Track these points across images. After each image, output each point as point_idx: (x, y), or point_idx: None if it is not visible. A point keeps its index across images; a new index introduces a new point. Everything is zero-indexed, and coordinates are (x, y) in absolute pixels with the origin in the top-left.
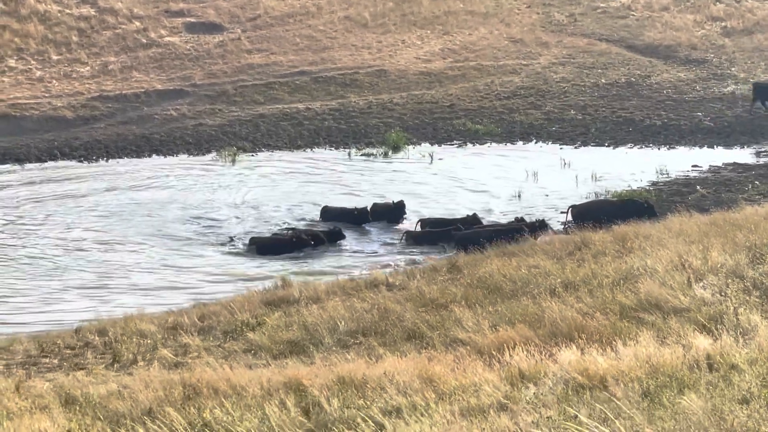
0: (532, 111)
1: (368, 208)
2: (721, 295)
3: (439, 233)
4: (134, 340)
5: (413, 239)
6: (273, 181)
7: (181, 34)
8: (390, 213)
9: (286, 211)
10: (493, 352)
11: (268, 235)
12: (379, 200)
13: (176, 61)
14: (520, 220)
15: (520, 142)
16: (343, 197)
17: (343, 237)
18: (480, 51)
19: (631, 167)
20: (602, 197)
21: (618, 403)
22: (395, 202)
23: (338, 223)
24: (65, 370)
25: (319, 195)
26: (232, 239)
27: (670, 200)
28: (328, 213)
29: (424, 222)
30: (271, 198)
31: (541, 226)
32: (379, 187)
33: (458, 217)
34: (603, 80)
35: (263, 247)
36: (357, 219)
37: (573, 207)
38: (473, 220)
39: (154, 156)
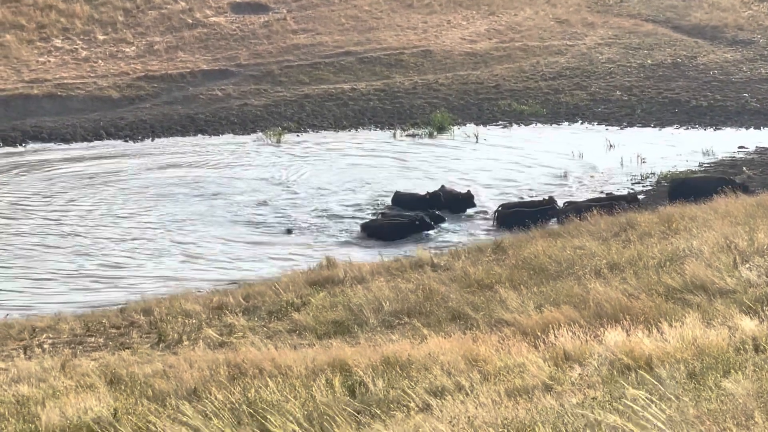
0: (578, 92)
1: (440, 194)
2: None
3: (532, 212)
4: (179, 319)
5: (504, 219)
6: (321, 162)
7: (227, 14)
8: (457, 202)
9: (343, 192)
10: (538, 333)
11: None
12: (446, 185)
13: (221, 42)
14: (611, 196)
15: (566, 123)
16: (396, 179)
17: (444, 220)
18: (525, 31)
19: (677, 148)
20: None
21: (663, 384)
22: (463, 192)
23: (403, 209)
24: (111, 350)
25: (369, 175)
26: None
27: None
28: (399, 198)
29: (504, 206)
30: (322, 179)
31: (632, 199)
32: (425, 168)
33: (536, 199)
34: (649, 61)
35: (381, 231)
36: (429, 204)
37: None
38: (550, 202)
39: (199, 135)
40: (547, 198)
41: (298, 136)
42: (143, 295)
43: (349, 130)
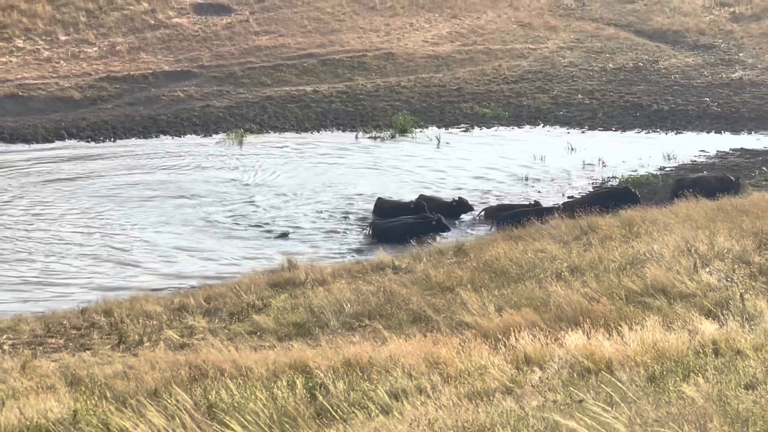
0: (540, 95)
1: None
2: (728, 281)
3: (520, 213)
4: (140, 321)
5: (492, 217)
6: (286, 164)
7: (189, 16)
8: (448, 209)
9: (312, 194)
10: (499, 336)
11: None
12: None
13: (184, 43)
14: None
15: (528, 126)
16: (361, 181)
17: (448, 229)
18: (488, 35)
19: (638, 152)
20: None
21: (623, 387)
22: (455, 199)
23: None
24: (71, 351)
25: (334, 177)
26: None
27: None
28: (382, 206)
29: (489, 210)
30: (288, 182)
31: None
32: (389, 170)
33: (524, 202)
34: (611, 65)
35: (394, 231)
36: (413, 212)
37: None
38: (536, 205)
39: (161, 136)
40: (533, 201)
41: (260, 137)
42: (104, 297)
43: (312, 132)
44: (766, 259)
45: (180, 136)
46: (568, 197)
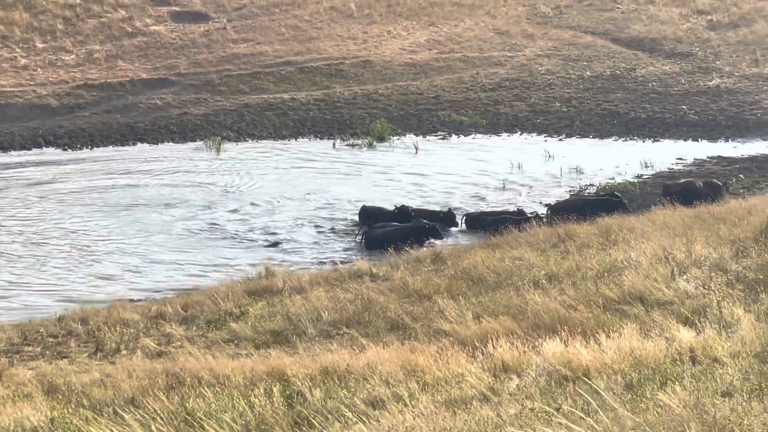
0: (517, 103)
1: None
2: (705, 288)
3: (499, 219)
4: (117, 329)
5: (472, 223)
6: (264, 172)
7: (167, 23)
8: (440, 220)
9: (293, 202)
10: (477, 344)
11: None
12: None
13: (161, 50)
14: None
15: (505, 134)
16: (339, 188)
17: (441, 236)
18: (465, 42)
19: (615, 160)
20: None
21: (601, 395)
22: (443, 210)
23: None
24: (48, 359)
25: (313, 185)
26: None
27: (655, 193)
28: (367, 213)
29: (469, 216)
30: (267, 189)
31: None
32: (367, 178)
33: (508, 209)
34: (588, 73)
35: (389, 237)
36: (399, 218)
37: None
38: (519, 213)
39: (138, 144)
40: (517, 209)
41: (237, 145)
42: (81, 304)
43: (289, 140)
44: (743, 267)
45: (157, 144)
46: (555, 202)
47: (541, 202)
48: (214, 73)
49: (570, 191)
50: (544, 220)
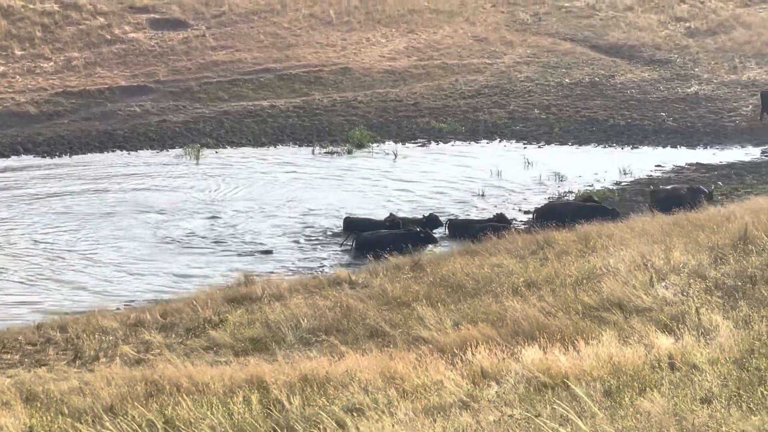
0: (496, 110)
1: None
2: (683, 295)
3: (482, 227)
4: (96, 336)
5: (455, 230)
6: (244, 179)
7: (146, 31)
8: (425, 226)
9: (275, 210)
10: (456, 351)
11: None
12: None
13: (140, 58)
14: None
15: (484, 141)
16: (319, 195)
17: (435, 241)
18: (444, 49)
19: (594, 167)
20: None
21: (580, 402)
22: (425, 215)
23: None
24: (26, 367)
25: (294, 192)
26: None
27: (633, 200)
28: (351, 224)
29: (452, 223)
30: (248, 197)
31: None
32: (349, 185)
33: (486, 217)
34: (567, 80)
35: (381, 242)
36: (386, 228)
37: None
38: (500, 219)
39: (117, 152)
40: (496, 214)
41: (217, 152)
42: (60, 312)
43: (268, 147)
44: (721, 274)
45: (136, 151)
46: (542, 205)
47: (520, 209)
48: (193, 80)
49: (549, 198)
50: (532, 226)
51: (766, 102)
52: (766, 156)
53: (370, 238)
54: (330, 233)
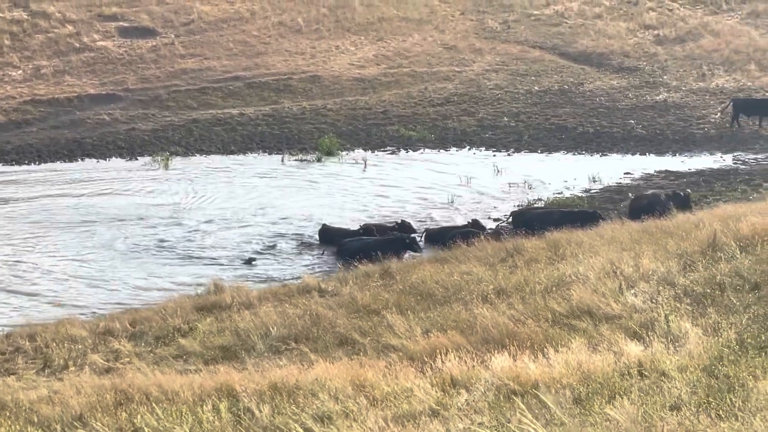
0: (466, 118)
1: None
2: (653, 303)
3: (457, 233)
4: (65, 345)
5: (432, 238)
6: (212, 187)
7: (114, 39)
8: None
9: (249, 217)
10: (425, 359)
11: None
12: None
13: (109, 66)
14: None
15: (454, 149)
16: (290, 203)
17: (420, 249)
18: (414, 57)
19: (563, 174)
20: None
21: (549, 409)
22: (397, 222)
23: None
24: None
25: (265, 200)
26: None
27: (603, 207)
28: (327, 232)
29: (429, 231)
30: (215, 205)
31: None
32: (319, 193)
33: (461, 224)
34: (536, 87)
35: (367, 248)
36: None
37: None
38: (474, 225)
39: (86, 160)
40: (471, 220)
41: (186, 160)
42: (29, 321)
43: (238, 155)
44: (690, 281)
45: (105, 160)
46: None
47: (489, 217)
48: (162, 88)
49: (518, 206)
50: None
51: (737, 109)
52: (738, 163)
53: (354, 245)
54: (303, 241)
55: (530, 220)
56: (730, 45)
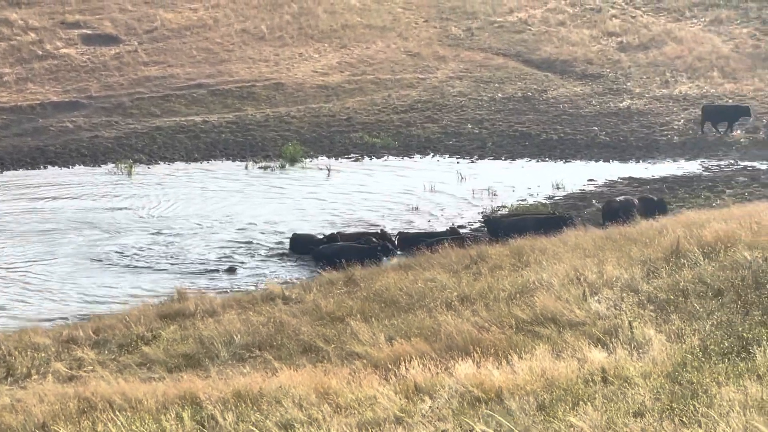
0: (429, 125)
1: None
2: (616, 309)
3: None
4: (28, 353)
5: (406, 242)
6: (176, 195)
7: (77, 46)
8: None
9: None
10: (389, 366)
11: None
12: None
13: (72, 73)
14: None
15: (417, 156)
16: (256, 211)
17: (395, 254)
18: (377, 64)
19: (527, 181)
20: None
21: (513, 416)
22: (377, 232)
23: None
24: None
25: (230, 208)
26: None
27: (566, 214)
28: (297, 240)
29: (402, 236)
30: (179, 213)
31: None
32: (284, 201)
33: (440, 230)
34: (500, 94)
35: (341, 254)
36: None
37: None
38: (452, 232)
39: (49, 167)
40: (449, 228)
41: (149, 168)
42: None
43: (201, 163)
44: (654, 287)
45: (68, 167)
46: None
47: (453, 224)
48: (126, 95)
49: (482, 213)
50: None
51: (707, 115)
52: (701, 170)
53: (330, 252)
54: (270, 248)
55: (506, 226)
56: (693, 52)
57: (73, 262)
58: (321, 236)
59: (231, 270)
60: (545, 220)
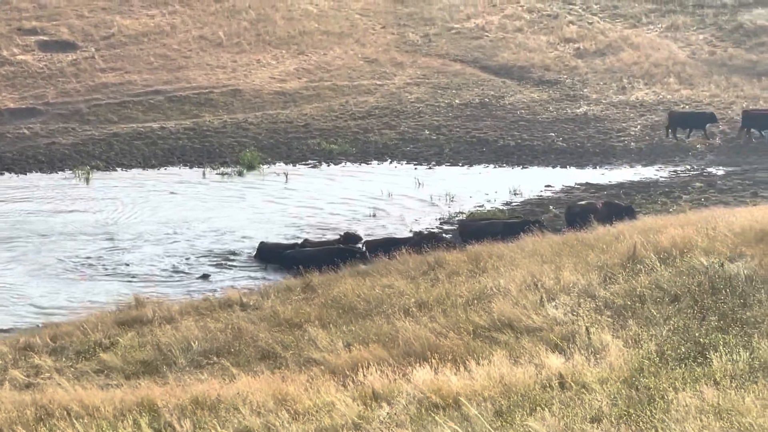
0: (387, 131)
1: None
2: (573, 315)
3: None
4: None
5: (373, 248)
6: (133, 201)
7: (34, 53)
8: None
9: (164, 232)
10: (347, 372)
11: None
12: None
13: (29, 80)
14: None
15: (375, 162)
16: (212, 216)
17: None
18: (335, 71)
19: (485, 187)
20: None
21: (471, 422)
22: (341, 235)
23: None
24: None
25: (188, 214)
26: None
27: (536, 219)
28: (263, 249)
29: (370, 243)
30: (137, 219)
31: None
32: (242, 207)
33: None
34: (457, 100)
35: (314, 259)
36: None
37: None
38: (419, 235)
39: (5, 174)
40: (416, 232)
41: (107, 175)
42: None
43: (158, 169)
44: (611, 293)
45: (25, 174)
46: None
47: (411, 230)
48: (83, 102)
49: (440, 219)
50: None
51: (674, 122)
52: (657, 176)
53: (305, 256)
54: (230, 253)
55: (475, 230)
56: (649, 58)
57: (24, 269)
58: (289, 243)
59: (204, 277)
60: (515, 224)
